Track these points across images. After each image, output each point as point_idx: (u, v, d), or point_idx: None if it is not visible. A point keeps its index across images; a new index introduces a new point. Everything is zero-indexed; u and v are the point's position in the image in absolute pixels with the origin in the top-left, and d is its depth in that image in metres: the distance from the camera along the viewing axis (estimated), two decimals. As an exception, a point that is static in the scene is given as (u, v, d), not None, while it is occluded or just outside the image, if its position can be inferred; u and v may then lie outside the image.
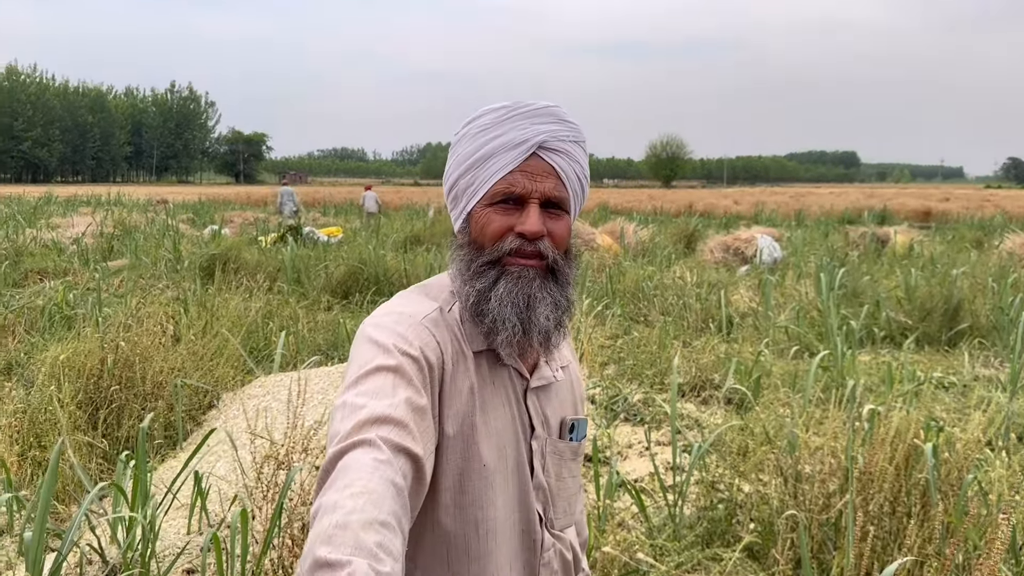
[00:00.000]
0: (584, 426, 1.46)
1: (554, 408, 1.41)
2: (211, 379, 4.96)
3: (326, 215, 27.83)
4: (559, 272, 1.30)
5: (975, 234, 19.99)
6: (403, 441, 1.08)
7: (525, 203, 1.26)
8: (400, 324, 1.25)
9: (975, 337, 7.73)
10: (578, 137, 1.32)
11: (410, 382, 1.17)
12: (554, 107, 1.31)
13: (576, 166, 1.31)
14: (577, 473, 1.46)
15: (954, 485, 3.09)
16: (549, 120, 1.28)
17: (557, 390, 1.43)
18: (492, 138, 1.28)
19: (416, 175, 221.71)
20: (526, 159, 1.26)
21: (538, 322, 1.26)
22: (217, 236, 14.29)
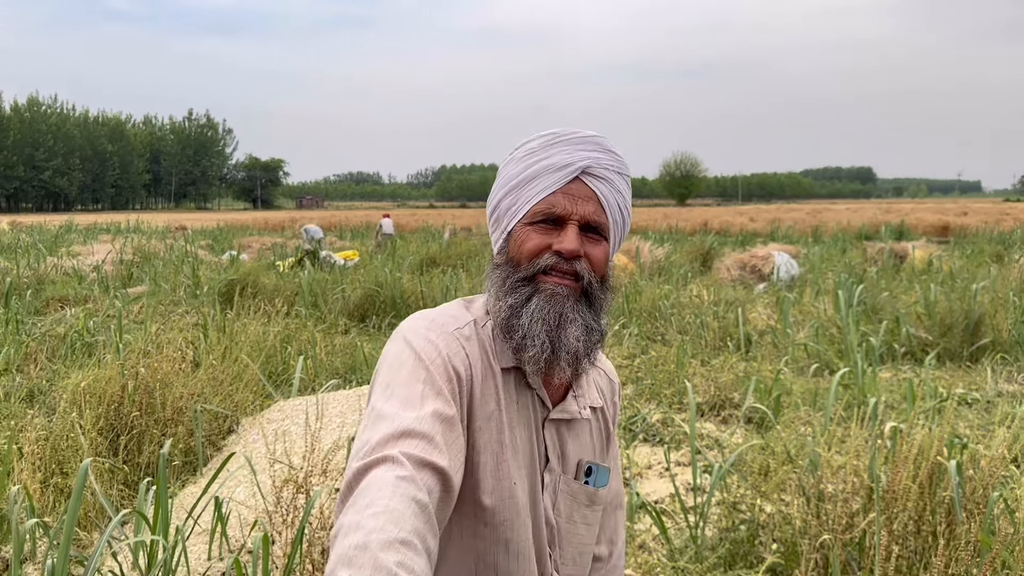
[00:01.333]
0: (605, 475, 1.41)
1: (575, 447, 1.38)
2: (230, 404, 4.98)
3: (342, 239, 27.97)
4: (593, 296, 1.30)
5: (994, 248, 19.81)
6: (428, 455, 1.08)
7: (564, 224, 1.28)
8: (432, 331, 1.26)
9: (997, 352, 7.64)
10: (621, 168, 1.33)
11: (439, 392, 1.18)
12: (600, 137, 1.33)
13: (618, 196, 1.32)
14: (593, 523, 1.41)
15: (980, 503, 3.05)
16: (594, 148, 1.30)
17: (581, 430, 1.40)
18: (537, 160, 1.30)
19: (431, 197, 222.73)
20: (569, 182, 1.28)
21: (568, 342, 1.25)
22: (235, 261, 14.40)
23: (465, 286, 11.48)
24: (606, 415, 1.47)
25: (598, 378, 1.48)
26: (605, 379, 1.50)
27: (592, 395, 1.43)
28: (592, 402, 1.42)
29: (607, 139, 1.33)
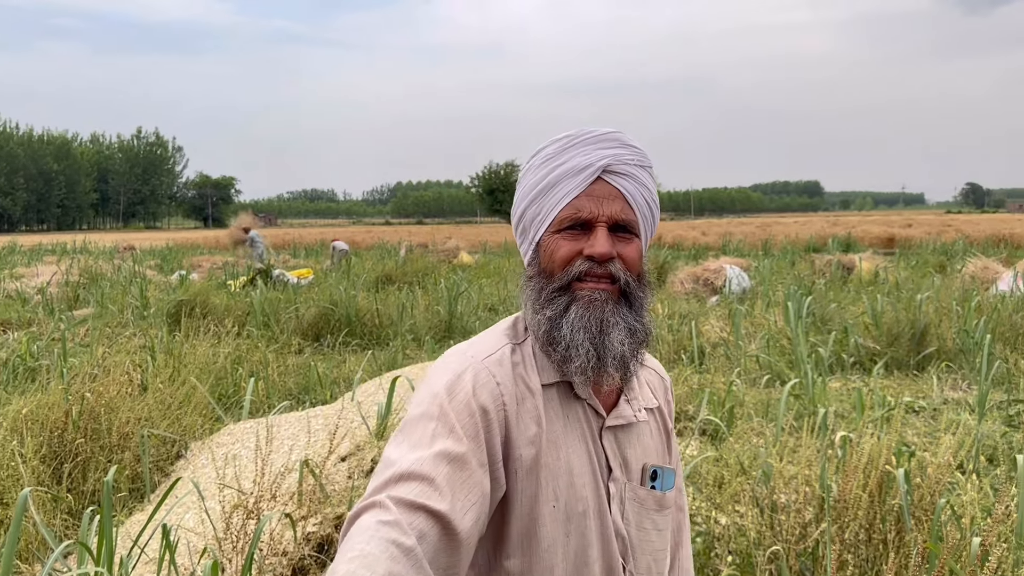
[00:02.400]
0: (671, 477, 1.37)
1: (636, 452, 1.34)
2: (179, 428, 4.87)
3: (296, 256, 27.69)
4: (632, 296, 1.26)
5: (938, 259, 20.32)
6: (422, 499, 1.04)
7: (593, 227, 1.24)
8: (460, 364, 1.24)
9: (942, 361, 7.82)
10: (644, 162, 1.29)
11: (451, 430, 1.13)
12: (617, 132, 1.29)
13: (643, 190, 1.28)
14: (664, 528, 1.37)
15: (927, 510, 3.11)
16: (612, 144, 1.27)
17: (640, 433, 1.36)
18: (556, 166, 1.26)
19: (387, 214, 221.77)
20: (591, 183, 1.24)
21: (612, 347, 1.22)
22: (185, 281, 14.15)
23: (421, 303, 11.43)
24: (663, 414, 1.44)
25: (650, 378, 1.44)
26: (656, 377, 1.47)
27: (646, 396, 1.40)
28: (647, 403, 1.39)
29: (625, 133, 1.29)
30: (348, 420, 4.34)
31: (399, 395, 4.70)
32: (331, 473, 3.76)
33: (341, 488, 3.64)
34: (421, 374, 5.74)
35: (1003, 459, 4.96)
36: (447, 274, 16.64)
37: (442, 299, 11.14)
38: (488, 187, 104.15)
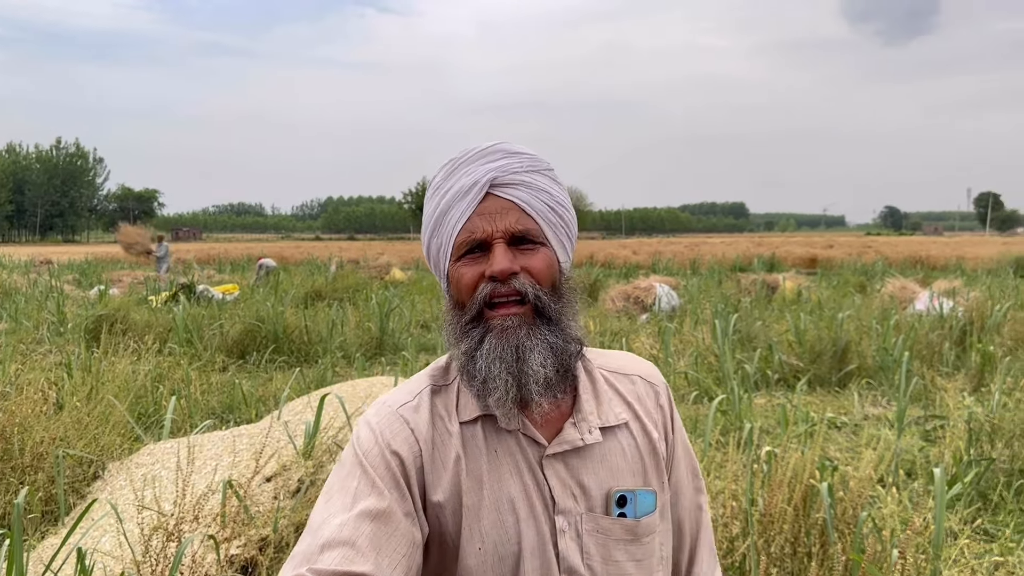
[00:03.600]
0: (648, 499, 1.23)
1: (598, 477, 1.22)
2: (96, 448, 4.69)
3: (221, 272, 27.08)
4: (547, 310, 1.18)
5: (858, 279, 21.02)
6: (344, 566, 1.03)
7: (490, 246, 1.17)
8: (377, 416, 1.22)
9: (863, 377, 8.07)
10: (536, 166, 1.22)
11: (372, 485, 1.13)
12: (501, 144, 1.23)
13: (541, 194, 1.20)
14: (645, 557, 1.23)
15: (850, 523, 3.18)
16: (497, 157, 1.20)
17: (603, 455, 1.23)
18: (445, 192, 1.21)
19: (317, 229, 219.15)
20: (481, 201, 1.18)
21: (533, 371, 1.15)
22: (104, 296, 13.69)
23: (352, 320, 11.29)
24: (643, 427, 1.28)
25: (625, 388, 1.31)
26: (640, 385, 1.32)
27: (608, 411, 1.26)
28: (608, 420, 1.25)
29: (510, 142, 1.23)
30: (275, 439, 4.24)
31: (328, 413, 4.62)
32: (256, 494, 3.66)
33: (266, 509, 3.55)
34: (351, 391, 5.66)
35: (921, 473, 5.13)
36: (379, 290, 16.49)
37: (373, 315, 11.03)
38: (421, 203, 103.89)
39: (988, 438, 5.29)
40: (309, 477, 3.67)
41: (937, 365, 8.40)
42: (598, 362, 1.32)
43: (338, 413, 4.72)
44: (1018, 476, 4.80)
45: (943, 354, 8.58)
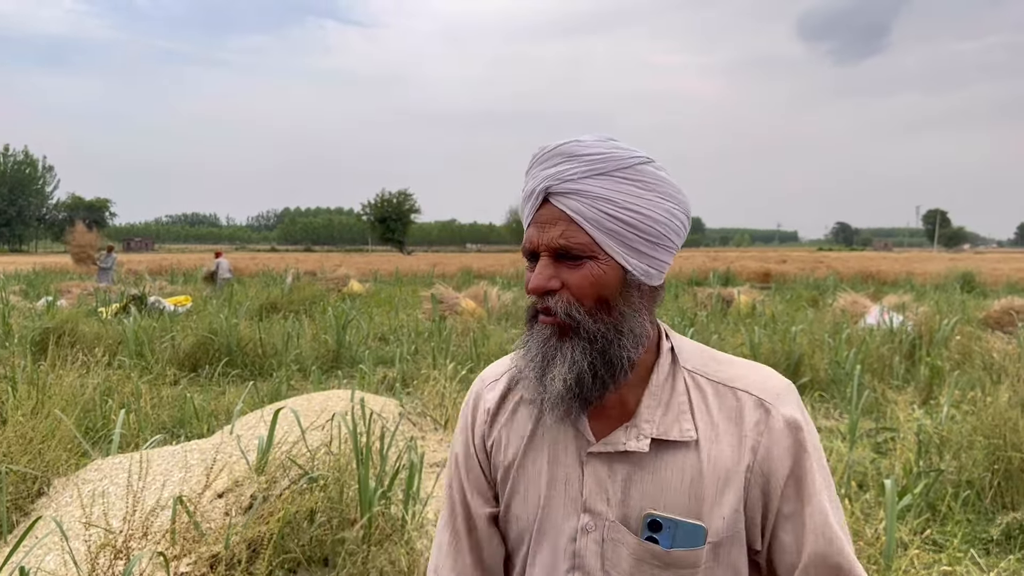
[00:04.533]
0: (691, 534, 1.13)
1: (643, 490, 1.16)
2: (41, 464, 4.55)
3: (174, 283, 26.63)
4: (579, 328, 1.12)
5: (810, 293, 21.38)
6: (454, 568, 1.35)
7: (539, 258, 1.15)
8: (473, 386, 1.41)
9: (816, 390, 8.19)
10: (600, 168, 1.12)
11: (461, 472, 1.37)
12: (569, 143, 1.14)
13: (599, 203, 1.11)
14: None
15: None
16: (559, 160, 1.13)
17: (657, 469, 1.16)
18: (522, 192, 1.20)
19: (273, 240, 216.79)
20: (538, 209, 1.15)
21: (552, 384, 1.13)
22: (52, 308, 13.36)
23: (308, 332, 11.17)
24: (723, 451, 1.15)
25: (719, 403, 1.18)
26: (746, 403, 1.17)
27: (678, 424, 1.17)
28: (666, 433, 1.16)
29: (582, 141, 1.14)
30: (227, 454, 4.16)
31: (282, 427, 4.55)
32: (207, 510, 3.59)
33: (217, 525, 3.48)
34: (306, 405, 5.59)
35: (872, 484, 5.21)
36: (336, 303, 16.34)
37: (330, 328, 10.92)
38: (380, 215, 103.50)
39: (937, 450, 5.40)
40: (262, 493, 3.61)
41: (888, 378, 8.56)
42: (709, 368, 1.21)
43: (293, 428, 4.66)
44: (965, 487, 4.90)
45: (893, 367, 8.75)
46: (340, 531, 3.59)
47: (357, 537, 3.58)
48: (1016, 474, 4.79)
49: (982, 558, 4.19)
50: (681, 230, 1.18)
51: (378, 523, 3.73)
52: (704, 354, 1.23)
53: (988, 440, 4.97)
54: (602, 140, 1.14)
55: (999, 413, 5.06)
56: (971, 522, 4.65)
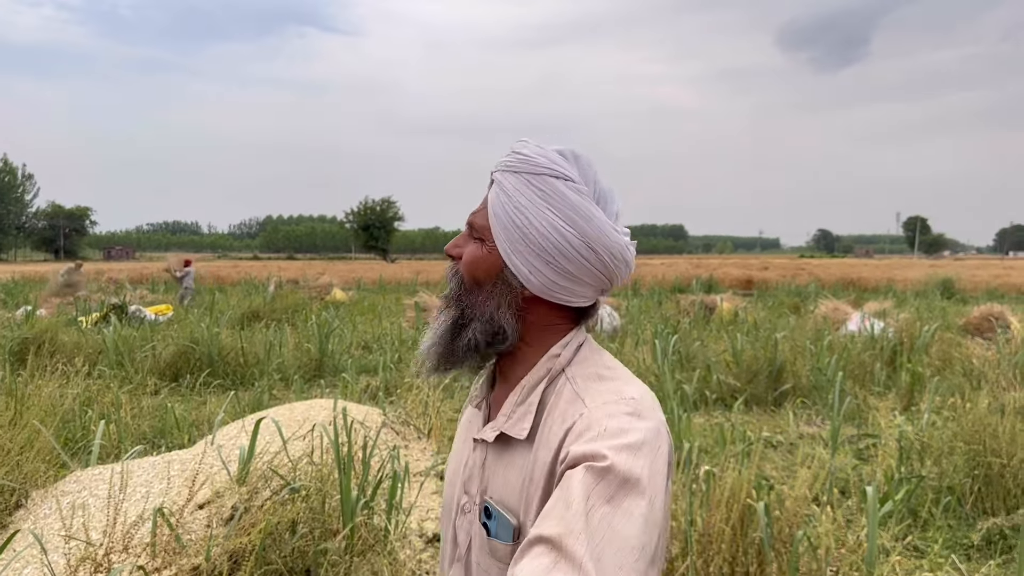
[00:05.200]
0: (504, 528, 1.16)
1: (497, 477, 1.20)
2: (18, 476, 4.50)
3: (155, 292, 26.43)
4: (452, 296, 1.25)
5: (792, 300, 21.49)
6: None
7: None
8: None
9: (798, 397, 8.23)
10: (519, 167, 1.19)
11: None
12: (520, 143, 1.23)
13: (502, 196, 1.19)
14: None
15: (786, 542, 3.22)
16: (506, 153, 1.24)
17: (511, 460, 1.19)
18: None
19: (255, 248, 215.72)
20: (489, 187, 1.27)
21: (421, 348, 1.28)
22: (31, 317, 13.23)
23: (291, 341, 11.11)
24: (537, 457, 1.14)
25: (567, 409, 1.15)
26: (569, 411, 1.14)
27: (519, 422, 1.19)
28: (509, 428, 1.20)
29: (528, 143, 1.22)
30: (208, 465, 4.13)
31: (264, 437, 4.52)
32: (188, 522, 3.56)
33: (199, 537, 3.44)
34: (288, 415, 5.55)
35: (854, 491, 5.24)
36: (319, 311, 16.27)
37: (313, 337, 10.87)
38: (363, 223, 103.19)
39: (918, 456, 5.44)
40: (243, 504, 3.58)
41: (869, 385, 8.62)
42: (589, 382, 1.18)
43: (274, 438, 4.63)
44: (946, 493, 4.94)
45: (875, 374, 8.81)
46: (322, 542, 3.57)
47: (339, 548, 3.56)
48: (996, 480, 4.83)
49: (963, 563, 4.22)
50: (571, 253, 1.16)
51: (361, 533, 3.70)
52: (596, 368, 1.21)
53: (968, 446, 5.02)
54: (544, 149, 1.20)
55: (979, 419, 5.10)
56: (952, 528, 4.68)
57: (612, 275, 1.20)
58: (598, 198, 1.19)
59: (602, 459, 0.99)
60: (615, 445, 1.02)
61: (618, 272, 1.21)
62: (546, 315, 1.23)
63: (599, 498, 0.96)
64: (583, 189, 1.17)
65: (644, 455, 1.02)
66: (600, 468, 0.98)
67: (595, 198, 1.19)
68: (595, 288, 1.21)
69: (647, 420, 1.09)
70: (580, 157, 1.21)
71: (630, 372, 1.24)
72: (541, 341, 1.23)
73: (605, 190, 1.21)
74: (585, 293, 1.21)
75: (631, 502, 0.96)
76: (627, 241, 1.21)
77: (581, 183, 1.18)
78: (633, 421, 1.08)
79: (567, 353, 1.22)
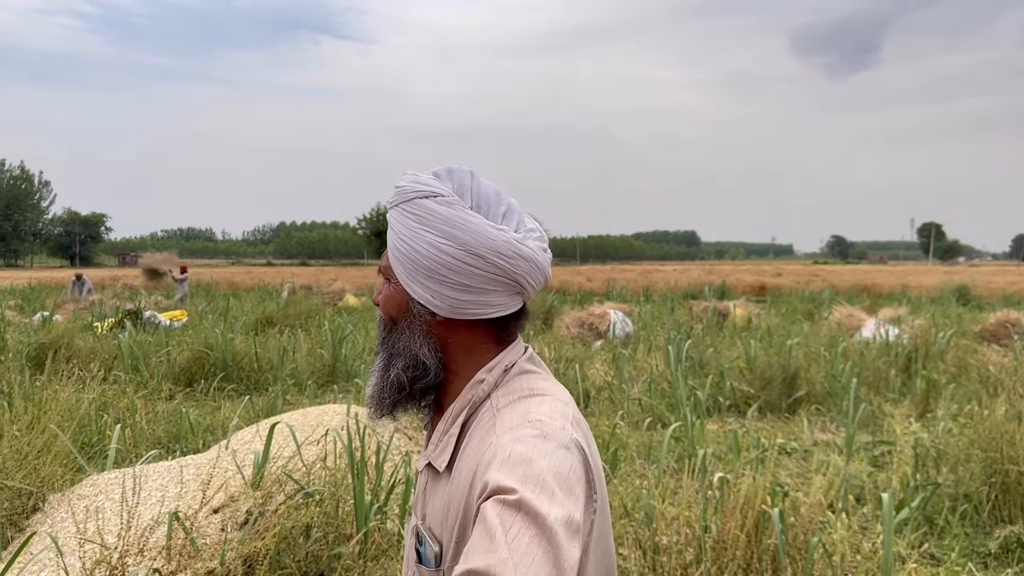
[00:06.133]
0: (429, 554, 1.18)
1: (428, 505, 1.23)
2: (36, 479, 4.53)
3: (169, 298, 26.58)
4: (380, 341, 1.31)
5: (806, 306, 21.39)
6: None
7: None
8: None
9: (812, 404, 8.19)
10: (397, 199, 1.23)
11: None
12: (402, 176, 1.25)
13: (391, 231, 1.24)
14: None
15: (801, 549, 3.21)
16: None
17: (438, 489, 1.21)
18: None
19: (269, 255, 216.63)
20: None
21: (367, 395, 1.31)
22: (47, 323, 13.33)
23: (304, 346, 11.15)
24: (456, 490, 1.14)
25: (482, 440, 1.14)
26: (487, 450, 1.10)
27: (441, 453, 1.22)
28: (433, 458, 1.23)
29: (409, 171, 1.25)
30: (223, 470, 4.15)
31: (278, 442, 4.54)
32: (203, 526, 3.57)
33: (213, 541, 3.46)
34: (302, 420, 5.58)
35: (869, 498, 5.21)
36: (332, 316, 16.33)
37: (326, 342, 10.90)
38: (376, 229, 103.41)
39: (934, 463, 5.40)
40: (258, 508, 3.59)
41: (884, 391, 8.57)
42: (511, 410, 1.16)
43: (288, 442, 4.64)
44: (963, 500, 4.90)
45: (889, 380, 8.76)
46: (336, 546, 3.58)
47: (353, 552, 3.57)
48: (1013, 487, 4.79)
49: (980, 572, 4.19)
50: (456, 264, 1.17)
51: (374, 538, 3.71)
52: (520, 391, 1.20)
53: (985, 453, 4.98)
54: (417, 175, 1.23)
55: (996, 426, 5.06)
56: (969, 536, 4.64)
57: (512, 274, 1.18)
58: (477, 204, 1.20)
59: (511, 492, 0.98)
60: (521, 475, 1.01)
61: (517, 268, 1.18)
62: (468, 337, 1.23)
63: (518, 528, 0.95)
64: (453, 200, 1.18)
65: (551, 478, 1.01)
66: (512, 501, 0.97)
67: (473, 205, 1.19)
68: (504, 293, 1.20)
69: (552, 440, 1.07)
70: (455, 171, 1.23)
71: (559, 388, 1.25)
72: (468, 367, 1.23)
73: (487, 194, 1.22)
74: (496, 301, 1.20)
75: (549, 528, 0.95)
76: (517, 236, 1.19)
77: (452, 195, 1.19)
78: (539, 444, 1.06)
79: (491, 377, 1.22)
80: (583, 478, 1.08)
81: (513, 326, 1.26)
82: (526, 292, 1.23)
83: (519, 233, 1.20)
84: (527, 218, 1.26)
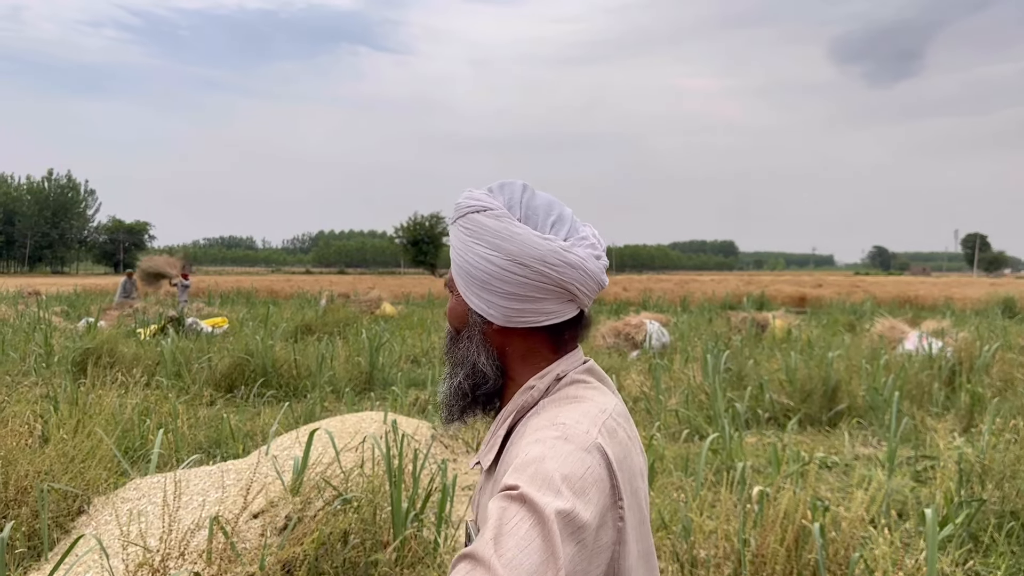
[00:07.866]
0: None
1: (480, 503, 1.33)
2: (81, 482, 4.63)
3: (211, 304, 26.99)
4: (447, 351, 1.37)
5: (847, 318, 21.08)
6: None
7: None
8: None
9: (853, 417, 8.06)
10: (454, 216, 1.31)
11: None
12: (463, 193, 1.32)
13: (452, 247, 1.32)
14: None
15: (842, 564, 3.16)
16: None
17: (487, 485, 1.29)
18: None
19: (308, 263, 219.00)
20: None
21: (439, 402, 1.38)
22: (92, 329, 13.62)
23: (342, 354, 11.26)
24: (496, 485, 1.19)
25: (515, 447, 1.19)
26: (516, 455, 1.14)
27: (488, 453, 1.29)
28: (483, 460, 1.29)
29: (466, 191, 1.31)
30: (262, 475, 4.20)
31: (317, 448, 4.59)
32: (243, 530, 3.62)
33: (253, 546, 3.51)
34: (340, 426, 5.63)
35: (912, 513, 5.11)
36: (369, 325, 16.46)
37: (363, 350, 10.99)
38: (413, 238, 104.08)
39: (979, 479, 5.28)
40: (297, 514, 3.63)
41: (927, 405, 8.41)
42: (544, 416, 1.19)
43: (327, 448, 4.69)
44: (1009, 518, 4.79)
45: (932, 394, 8.60)
46: (373, 553, 3.60)
47: (390, 559, 3.59)
48: (1062, 505, 4.68)
49: (1027, 591, 4.08)
50: (505, 275, 1.22)
51: (411, 546, 3.73)
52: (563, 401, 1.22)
53: (1032, 469, 4.86)
54: (472, 192, 1.29)
55: (1043, 442, 4.94)
56: (1015, 554, 4.54)
57: (559, 281, 1.21)
58: (525, 216, 1.25)
59: (515, 487, 1.00)
60: (530, 474, 1.03)
61: (564, 275, 1.21)
62: (524, 344, 1.28)
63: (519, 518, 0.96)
64: (502, 213, 1.24)
65: (559, 477, 1.02)
66: (515, 495, 0.99)
67: (522, 216, 1.24)
68: (555, 300, 1.23)
69: (572, 443, 1.08)
70: (507, 185, 1.29)
71: (605, 396, 1.24)
72: (523, 374, 1.28)
73: (536, 206, 1.26)
74: (548, 308, 1.24)
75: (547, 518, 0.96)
76: (564, 244, 1.22)
77: (501, 208, 1.24)
78: (557, 445, 1.08)
79: (541, 384, 1.25)
80: (603, 482, 1.08)
81: (569, 334, 1.29)
82: (579, 299, 1.25)
83: (567, 241, 1.23)
84: (582, 227, 1.29)
